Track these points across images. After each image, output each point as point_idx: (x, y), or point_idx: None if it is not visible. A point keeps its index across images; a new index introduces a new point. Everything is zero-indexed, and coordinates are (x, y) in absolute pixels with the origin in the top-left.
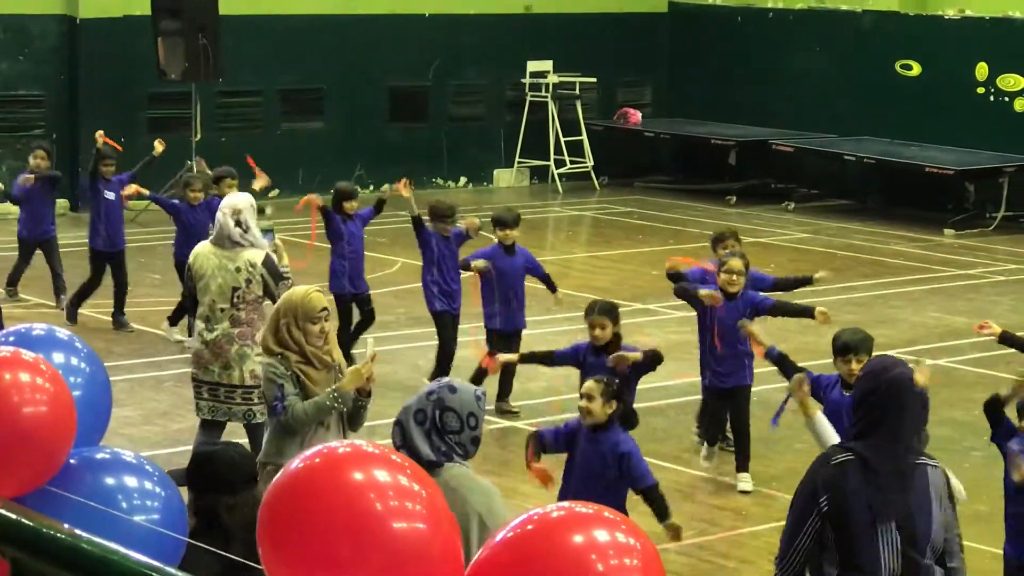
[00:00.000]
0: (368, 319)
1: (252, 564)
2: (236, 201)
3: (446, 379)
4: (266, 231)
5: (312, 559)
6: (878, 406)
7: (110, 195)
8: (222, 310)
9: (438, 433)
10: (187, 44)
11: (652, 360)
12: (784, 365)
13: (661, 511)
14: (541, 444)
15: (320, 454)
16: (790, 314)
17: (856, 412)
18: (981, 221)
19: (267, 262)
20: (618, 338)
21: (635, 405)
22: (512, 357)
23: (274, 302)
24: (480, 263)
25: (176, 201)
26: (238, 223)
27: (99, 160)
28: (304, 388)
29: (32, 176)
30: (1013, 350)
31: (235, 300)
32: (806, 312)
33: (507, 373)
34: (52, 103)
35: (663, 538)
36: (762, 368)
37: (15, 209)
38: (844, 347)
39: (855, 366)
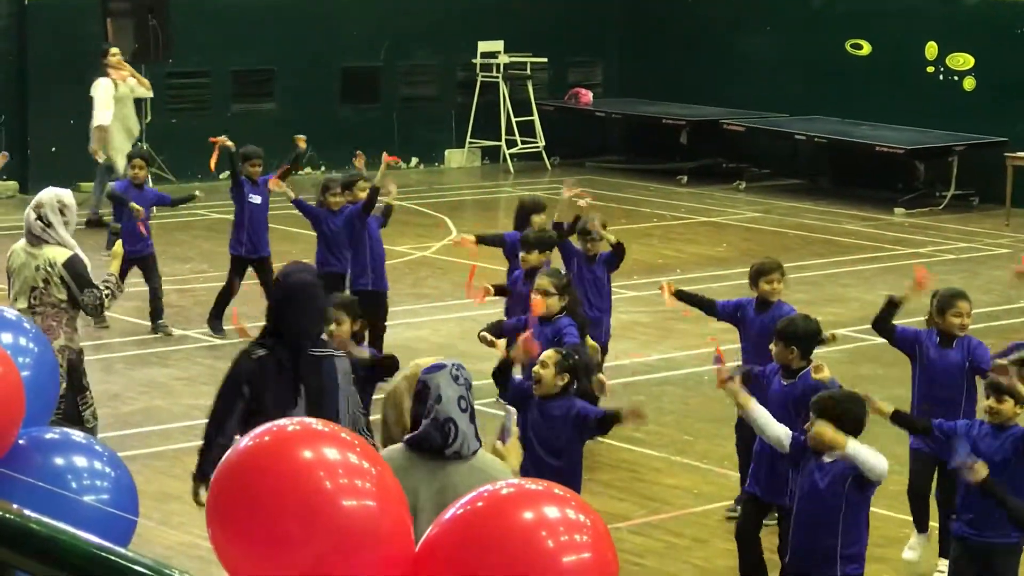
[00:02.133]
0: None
1: None
2: (42, 193)
3: (443, 360)
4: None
5: (261, 537)
6: (280, 307)
7: (256, 198)
8: (20, 311)
9: (472, 415)
10: (136, 25)
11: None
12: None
13: (615, 417)
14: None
15: (269, 432)
16: None
17: (268, 315)
18: (931, 200)
19: (71, 264)
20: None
21: None
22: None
23: (86, 312)
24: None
25: (316, 207)
26: (39, 217)
27: (243, 160)
28: None
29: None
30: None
31: (32, 301)
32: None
33: None
34: (0, 84)
35: (614, 517)
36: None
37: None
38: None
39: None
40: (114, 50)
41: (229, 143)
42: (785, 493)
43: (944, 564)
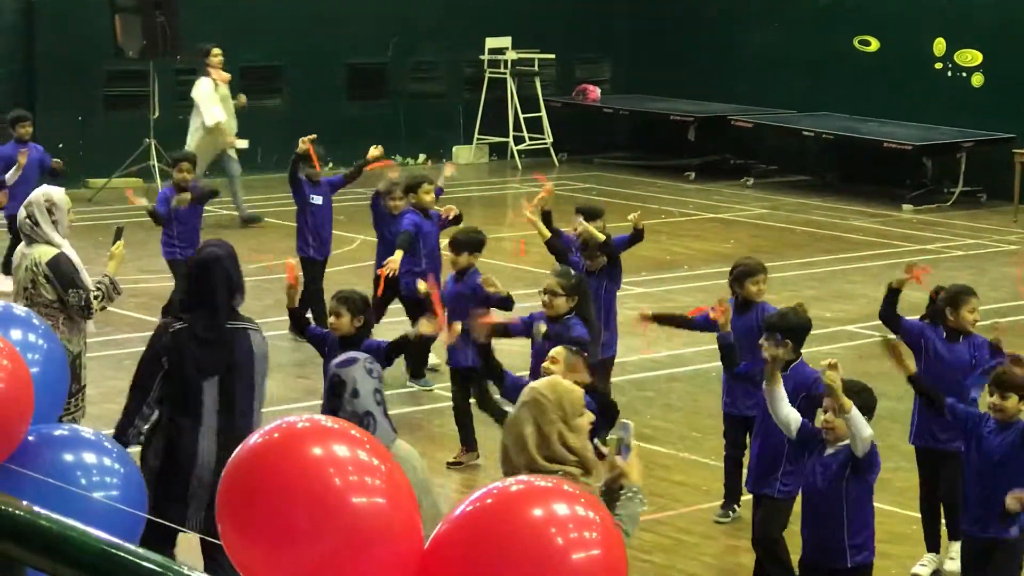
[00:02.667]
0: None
1: None
2: (34, 191)
3: (354, 353)
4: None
5: (271, 534)
6: (195, 283)
7: (317, 199)
8: None
9: (385, 408)
10: (144, 21)
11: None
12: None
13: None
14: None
15: (279, 429)
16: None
17: (183, 288)
18: (939, 196)
19: (54, 263)
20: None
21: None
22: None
23: (73, 314)
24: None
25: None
26: (28, 215)
27: (303, 161)
28: None
29: (187, 196)
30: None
31: (25, 301)
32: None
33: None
34: (8, 81)
35: None
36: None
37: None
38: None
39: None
40: (216, 51)
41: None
42: (775, 485)
43: (955, 547)
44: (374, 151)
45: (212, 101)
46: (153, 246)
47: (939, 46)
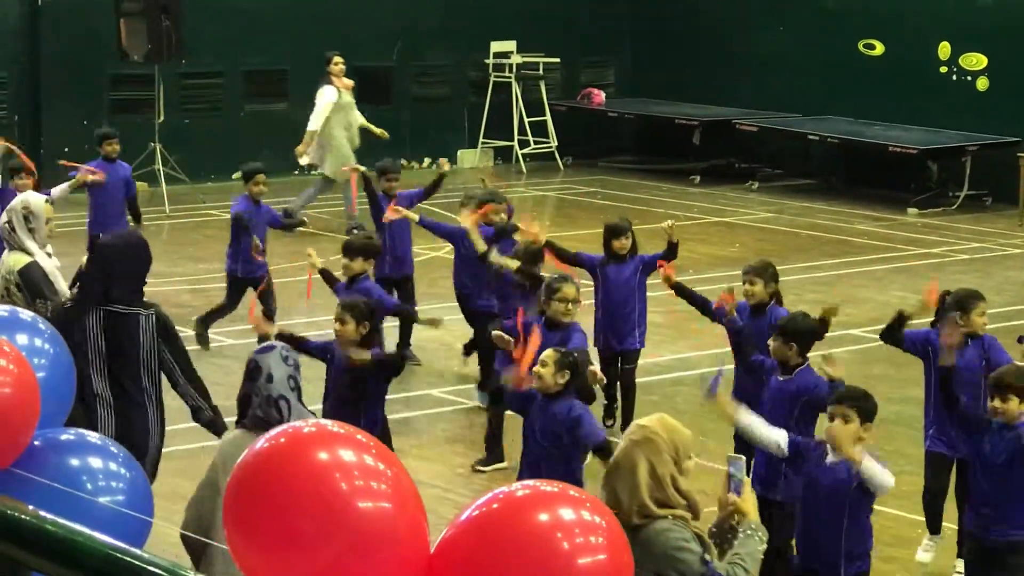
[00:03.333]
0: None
1: None
2: (16, 198)
3: (272, 342)
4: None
5: (278, 539)
6: (91, 267)
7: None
8: None
9: (300, 394)
10: (149, 25)
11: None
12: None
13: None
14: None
15: (285, 434)
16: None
17: (82, 273)
18: (944, 200)
19: (26, 271)
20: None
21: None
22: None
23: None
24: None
25: (449, 225)
26: (7, 221)
27: (380, 175)
28: (706, 548)
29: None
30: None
31: None
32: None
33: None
34: (14, 85)
35: None
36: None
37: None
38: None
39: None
40: (337, 58)
41: (362, 168)
42: (778, 487)
43: (961, 564)
44: (445, 165)
45: (323, 110)
46: (157, 248)
47: (944, 50)
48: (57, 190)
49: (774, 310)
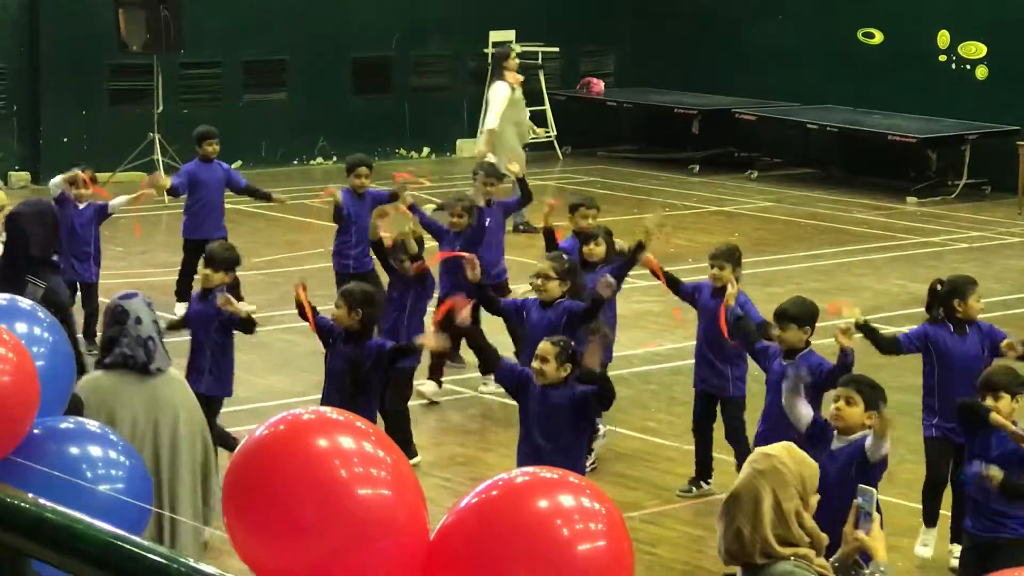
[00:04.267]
0: None
1: None
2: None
3: (132, 291)
4: None
5: (277, 526)
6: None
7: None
8: None
9: (162, 337)
10: (148, 15)
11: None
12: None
13: (594, 381)
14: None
15: (284, 421)
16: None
17: None
18: (943, 189)
19: None
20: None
21: None
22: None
23: None
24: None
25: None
26: None
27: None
28: None
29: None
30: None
31: None
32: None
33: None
34: (13, 75)
35: (627, 507)
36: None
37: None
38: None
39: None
40: (514, 53)
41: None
42: None
43: (957, 549)
44: (514, 167)
45: (501, 106)
46: (161, 239)
47: (943, 38)
48: (117, 201)
49: (739, 294)
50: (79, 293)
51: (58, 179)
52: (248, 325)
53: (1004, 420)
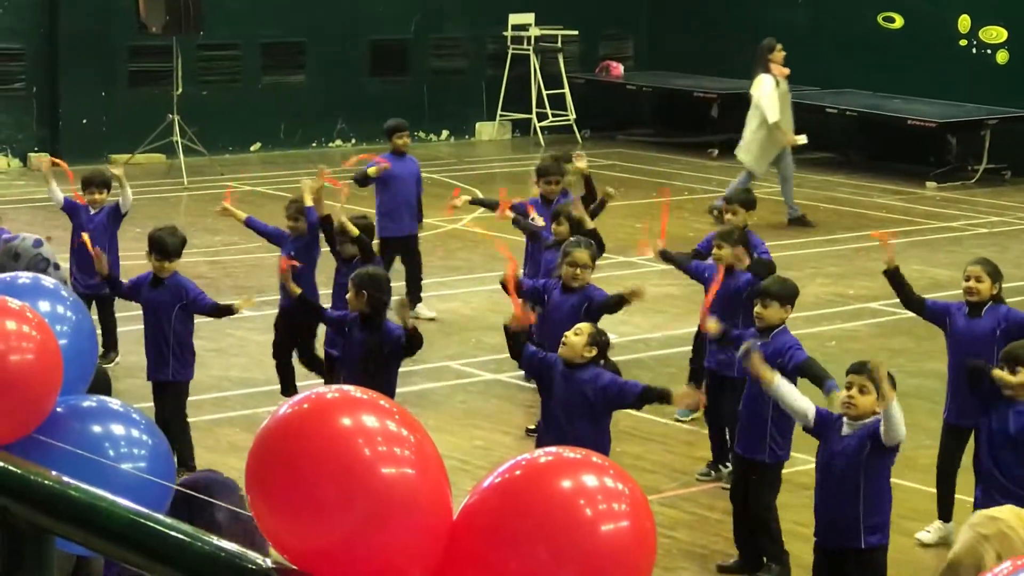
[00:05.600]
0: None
1: None
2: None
3: (14, 235)
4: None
5: (299, 505)
6: None
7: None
8: None
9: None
10: None
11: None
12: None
13: (663, 397)
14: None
15: (308, 399)
16: None
17: None
18: (963, 174)
19: None
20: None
21: (616, 357)
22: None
23: None
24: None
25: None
26: None
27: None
28: None
29: (385, 164)
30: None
31: None
32: None
33: None
34: (32, 57)
35: (645, 490)
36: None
37: None
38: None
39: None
40: (779, 46)
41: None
42: (764, 450)
43: (945, 527)
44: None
45: (773, 99)
46: (176, 220)
47: (964, 23)
48: (126, 199)
49: (740, 273)
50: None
51: (52, 187)
52: (223, 310)
53: (1005, 375)
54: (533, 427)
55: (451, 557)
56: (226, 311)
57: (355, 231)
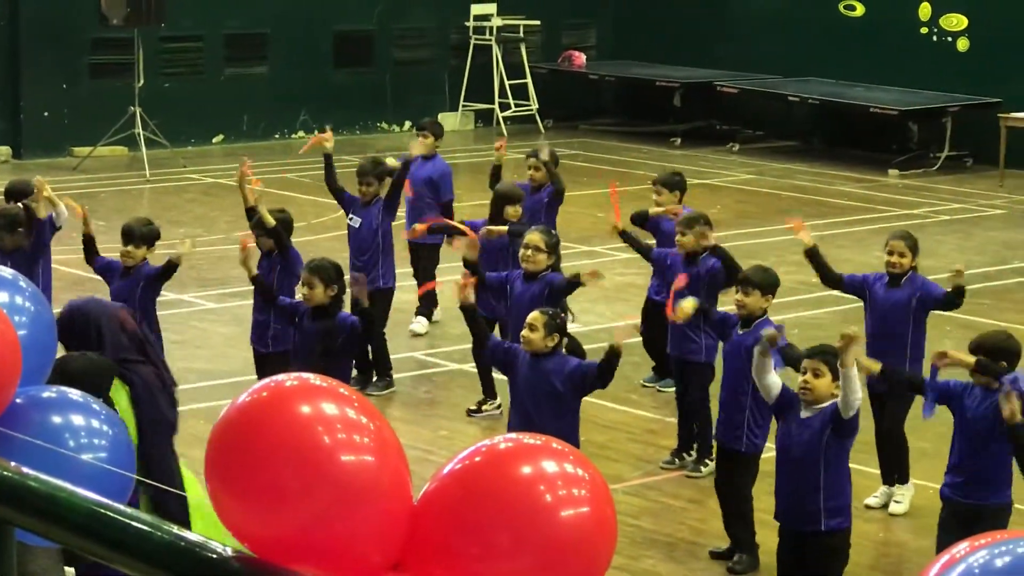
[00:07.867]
0: None
1: None
2: None
3: None
4: None
5: (259, 492)
6: None
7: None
8: None
9: None
10: None
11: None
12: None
13: (610, 353)
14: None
15: (267, 387)
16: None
17: None
18: (925, 161)
19: None
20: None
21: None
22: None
23: None
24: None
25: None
26: None
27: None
28: None
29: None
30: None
31: None
32: None
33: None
34: None
35: (609, 479)
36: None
37: None
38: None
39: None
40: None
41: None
42: (741, 440)
43: (901, 491)
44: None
45: None
46: (138, 213)
47: (924, 10)
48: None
49: (705, 259)
50: None
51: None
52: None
53: (959, 355)
54: (475, 407)
55: (412, 543)
56: (172, 268)
57: (272, 222)
